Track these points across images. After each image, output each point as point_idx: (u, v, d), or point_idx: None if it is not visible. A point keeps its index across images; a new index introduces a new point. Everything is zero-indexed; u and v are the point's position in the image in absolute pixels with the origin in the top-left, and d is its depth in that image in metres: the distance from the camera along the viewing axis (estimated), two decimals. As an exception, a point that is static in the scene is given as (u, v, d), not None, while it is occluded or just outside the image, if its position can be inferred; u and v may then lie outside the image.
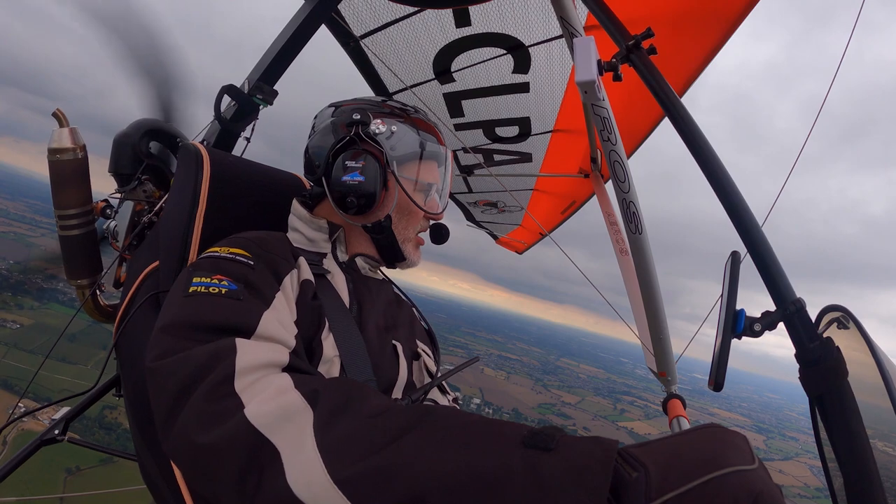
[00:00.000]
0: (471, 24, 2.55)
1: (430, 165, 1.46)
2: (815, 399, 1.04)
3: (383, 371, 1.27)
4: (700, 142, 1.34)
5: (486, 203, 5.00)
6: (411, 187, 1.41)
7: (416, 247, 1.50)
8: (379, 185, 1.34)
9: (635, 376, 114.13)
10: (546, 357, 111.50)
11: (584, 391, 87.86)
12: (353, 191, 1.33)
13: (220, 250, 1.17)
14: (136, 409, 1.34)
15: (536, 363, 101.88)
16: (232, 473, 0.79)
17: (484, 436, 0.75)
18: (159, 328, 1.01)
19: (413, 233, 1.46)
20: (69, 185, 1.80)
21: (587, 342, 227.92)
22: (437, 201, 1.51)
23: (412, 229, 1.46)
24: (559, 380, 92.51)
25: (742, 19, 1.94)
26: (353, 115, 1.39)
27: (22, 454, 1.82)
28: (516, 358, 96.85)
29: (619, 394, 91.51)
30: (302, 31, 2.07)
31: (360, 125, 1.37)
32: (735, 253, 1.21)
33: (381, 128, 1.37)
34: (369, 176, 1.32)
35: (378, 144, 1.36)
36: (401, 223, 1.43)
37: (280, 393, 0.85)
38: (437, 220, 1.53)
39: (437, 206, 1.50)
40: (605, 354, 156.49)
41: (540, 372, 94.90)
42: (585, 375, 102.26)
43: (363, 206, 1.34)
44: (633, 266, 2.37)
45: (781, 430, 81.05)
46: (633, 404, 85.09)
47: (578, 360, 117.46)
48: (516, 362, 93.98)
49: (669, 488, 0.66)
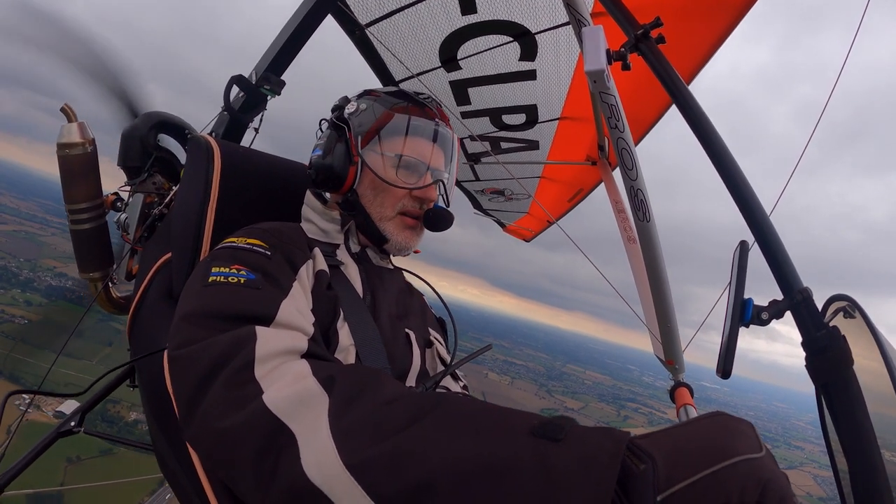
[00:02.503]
0: (477, 11, 2.55)
1: (410, 140, 1.41)
2: (821, 387, 1.07)
3: (397, 359, 1.30)
4: (709, 131, 1.36)
5: (493, 191, 4.99)
6: (379, 162, 1.40)
7: (402, 226, 1.44)
8: (339, 159, 1.38)
9: (642, 383, 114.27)
10: (552, 363, 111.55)
11: (589, 397, 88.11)
12: (314, 166, 1.42)
13: (237, 241, 1.20)
14: (152, 399, 1.36)
15: (542, 369, 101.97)
16: (249, 457, 0.81)
17: (494, 424, 0.77)
18: (179, 317, 1.03)
19: (392, 211, 1.42)
20: (79, 180, 1.84)
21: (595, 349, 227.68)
22: (422, 178, 1.44)
23: (390, 207, 1.42)
24: (564, 385, 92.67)
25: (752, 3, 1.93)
26: (338, 100, 1.47)
27: (39, 445, 1.86)
28: (521, 363, 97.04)
29: (623, 400, 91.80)
30: (308, 21, 2.09)
31: (338, 109, 1.45)
32: (743, 242, 1.23)
33: (352, 107, 1.43)
34: (326, 150, 1.39)
35: (346, 123, 1.42)
36: (375, 200, 1.42)
37: (298, 379, 0.88)
38: (422, 197, 1.44)
39: (415, 181, 1.42)
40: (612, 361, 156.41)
41: (545, 378, 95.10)
42: (591, 382, 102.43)
43: (326, 180, 1.40)
44: (640, 254, 2.38)
45: (787, 440, 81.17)
46: (637, 411, 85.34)
47: (585, 366, 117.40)
48: (521, 367, 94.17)
49: (678, 479, 0.67)
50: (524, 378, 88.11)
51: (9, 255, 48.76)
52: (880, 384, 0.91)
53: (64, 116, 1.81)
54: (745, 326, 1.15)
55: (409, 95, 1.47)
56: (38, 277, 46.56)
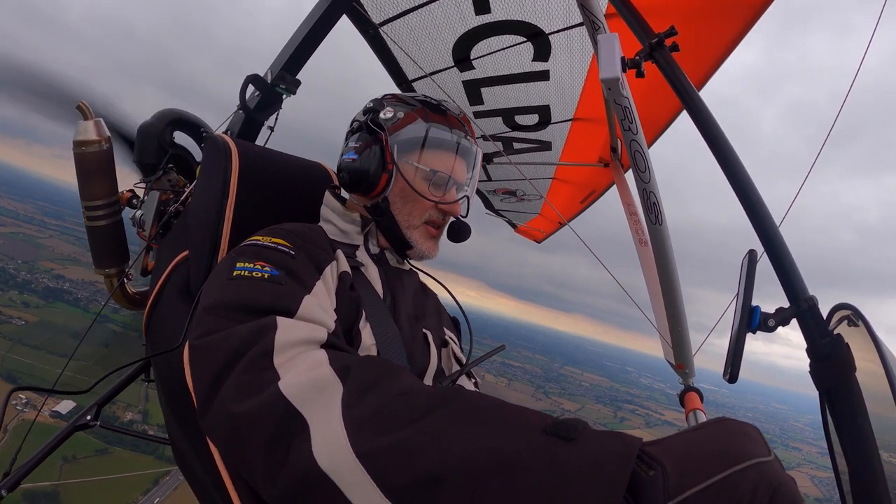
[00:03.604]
0: (490, 11, 2.58)
1: (440, 154, 1.47)
2: (824, 392, 1.10)
3: (416, 359, 1.35)
4: (721, 142, 1.39)
5: (505, 191, 5.01)
6: (415, 173, 1.46)
7: (427, 236, 1.51)
8: (374, 165, 1.43)
9: (640, 385, 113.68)
10: (550, 365, 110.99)
11: (585, 399, 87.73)
12: (347, 169, 1.45)
13: (261, 239, 1.23)
14: (169, 393, 1.40)
15: (539, 371, 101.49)
16: (262, 442, 0.84)
17: (507, 421, 0.78)
18: (203, 308, 1.08)
19: (419, 220, 1.48)
20: (95, 177, 1.87)
21: (593, 351, 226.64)
22: (448, 191, 1.50)
23: (417, 216, 1.48)
24: (561, 387, 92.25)
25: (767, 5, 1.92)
26: (370, 104, 1.51)
27: (55, 440, 1.89)
28: (519, 365, 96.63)
29: (620, 402, 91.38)
30: (324, 21, 2.12)
31: (372, 112, 1.48)
32: (752, 251, 1.26)
33: (388, 114, 1.46)
34: (363, 155, 1.43)
35: (382, 130, 1.45)
36: (404, 208, 1.47)
37: (314, 367, 0.91)
38: (451, 212, 1.52)
39: (442, 194, 1.49)
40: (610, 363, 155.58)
41: (542, 379, 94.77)
42: (588, 384, 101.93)
43: (358, 184, 1.44)
44: (652, 257, 2.40)
45: (785, 441, 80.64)
46: (634, 412, 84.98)
47: (583, 368, 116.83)
48: (519, 369, 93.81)
49: (689, 485, 0.68)
50: (521, 380, 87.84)
51: (6, 256, 49.50)
52: (881, 390, 0.95)
53: (80, 114, 1.84)
54: (752, 333, 1.19)
55: (443, 109, 1.52)
56: (35, 279, 47.35)
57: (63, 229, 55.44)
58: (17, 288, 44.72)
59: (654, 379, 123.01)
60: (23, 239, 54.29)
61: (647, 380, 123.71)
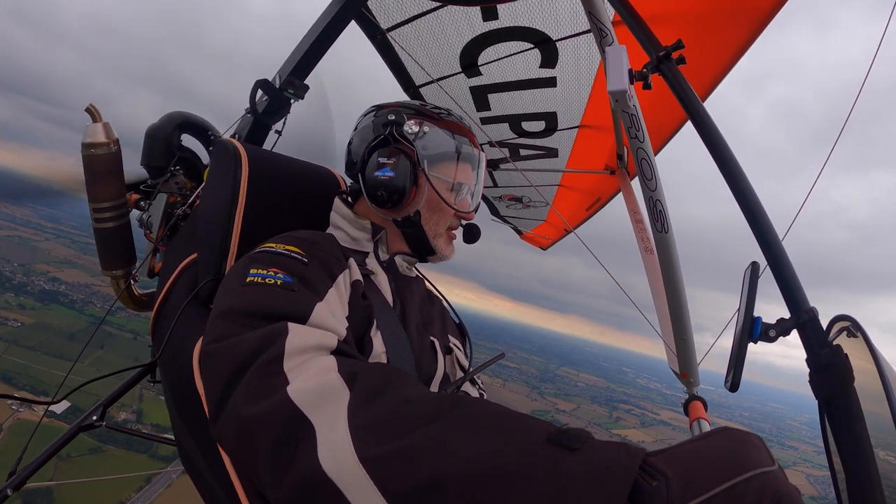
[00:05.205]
0: (498, 17, 2.62)
1: (462, 166, 1.56)
2: (823, 402, 1.15)
3: (424, 366, 1.39)
4: (726, 154, 1.44)
5: (511, 198, 5.05)
6: (441, 185, 1.52)
7: (449, 241, 1.61)
8: (409, 181, 1.46)
9: (636, 385, 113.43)
10: (546, 365, 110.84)
11: (581, 399, 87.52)
12: (384, 186, 1.46)
13: (275, 246, 1.26)
14: (176, 395, 1.43)
15: (535, 371, 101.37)
16: (269, 445, 0.86)
17: (510, 429, 0.80)
18: (216, 314, 1.11)
19: (443, 229, 1.57)
20: (103, 179, 1.91)
21: (590, 351, 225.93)
22: (469, 201, 1.61)
23: (442, 225, 1.56)
24: (556, 388, 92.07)
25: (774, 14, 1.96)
26: (389, 115, 1.52)
27: (61, 439, 1.93)
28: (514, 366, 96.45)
29: (616, 402, 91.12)
30: (333, 26, 2.15)
31: (394, 125, 1.50)
32: (755, 263, 1.30)
33: (413, 128, 1.50)
34: (399, 172, 1.45)
35: (410, 143, 1.49)
36: (431, 219, 1.53)
37: (322, 373, 0.93)
38: (468, 218, 1.63)
39: (467, 205, 1.61)
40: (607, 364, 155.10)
41: (538, 380, 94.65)
42: (584, 384, 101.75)
43: (394, 200, 1.46)
44: (658, 265, 2.43)
45: (781, 440, 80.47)
46: (629, 412, 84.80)
47: (579, 369, 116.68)
48: (514, 370, 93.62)
49: (692, 495, 0.68)
50: (516, 381, 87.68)
51: (3, 259, 50.01)
52: (879, 399, 1.00)
53: (89, 116, 1.88)
54: (753, 343, 1.23)
55: (461, 122, 1.59)
56: (31, 282, 47.90)
57: (59, 232, 55.84)
58: (14, 290, 45.27)
59: (651, 379, 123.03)
60: (19, 242, 54.70)
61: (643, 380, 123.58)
